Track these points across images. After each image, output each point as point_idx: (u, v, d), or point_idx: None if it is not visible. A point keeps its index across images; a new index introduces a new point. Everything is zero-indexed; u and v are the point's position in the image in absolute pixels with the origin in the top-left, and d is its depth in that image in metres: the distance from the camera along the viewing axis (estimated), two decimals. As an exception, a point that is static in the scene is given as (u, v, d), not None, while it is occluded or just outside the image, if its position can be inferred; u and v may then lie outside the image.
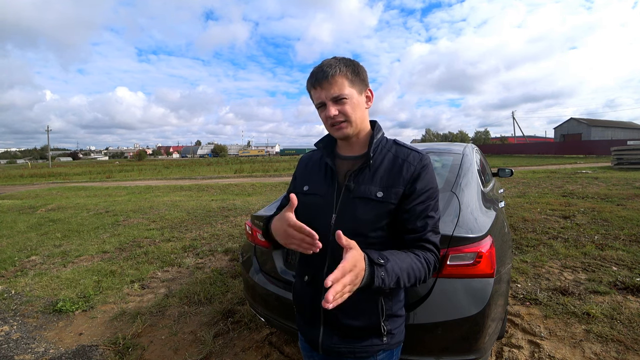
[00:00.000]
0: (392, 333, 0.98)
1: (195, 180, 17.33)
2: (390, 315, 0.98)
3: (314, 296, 1.00)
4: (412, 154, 0.99)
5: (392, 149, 1.02)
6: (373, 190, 0.95)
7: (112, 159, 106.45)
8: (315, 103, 0.99)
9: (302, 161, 1.19)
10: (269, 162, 40.55)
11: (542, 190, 8.70)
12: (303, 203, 1.04)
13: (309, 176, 1.11)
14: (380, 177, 0.97)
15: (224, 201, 8.66)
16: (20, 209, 8.55)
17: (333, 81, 0.92)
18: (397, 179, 0.95)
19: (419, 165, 0.97)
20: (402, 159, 0.98)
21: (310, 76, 0.96)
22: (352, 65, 0.96)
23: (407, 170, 0.96)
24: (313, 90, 0.97)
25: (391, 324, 0.98)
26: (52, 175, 25.83)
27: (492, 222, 1.69)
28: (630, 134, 43.58)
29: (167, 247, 4.57)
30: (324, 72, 0.92)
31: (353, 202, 0.96)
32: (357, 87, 0.96)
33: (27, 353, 2.31)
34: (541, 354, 2.09)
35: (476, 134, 79.49)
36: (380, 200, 0.94)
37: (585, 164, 19.94)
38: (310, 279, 1.02)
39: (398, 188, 0.95)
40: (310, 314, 1.02)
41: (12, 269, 4.00)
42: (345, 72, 0.93)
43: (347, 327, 0.96)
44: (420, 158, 0.98)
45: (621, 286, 2.88)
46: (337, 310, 0.92)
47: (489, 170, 3.50)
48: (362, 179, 0.98)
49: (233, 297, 3.02)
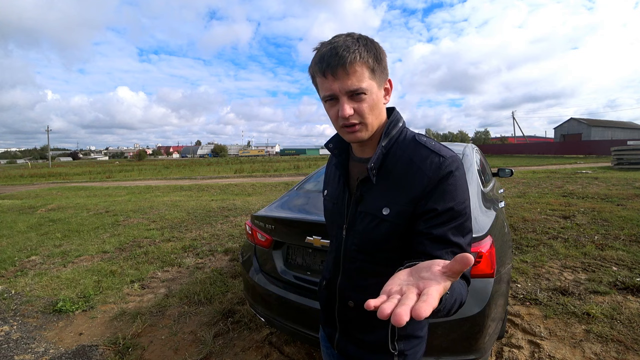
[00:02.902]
0: (405, 354, 0.85)
1: (195, 180, 17.33)
2: (405, 336, 0.84)
3: (329, 302, 0.96)
4: (430, 156, 0.75)
5: (409, 148, 0.79)
6: (379, 205, 0.78)
7: (112, 159, 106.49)
8: (322, 95, 0.76)
9: (328, 162, 1.05)
10: (269, 162, 40.55)
11: (542, 190, 8.69)
12: (324, 207, 1.00)
13: (329, 179, 1.00)
14: (387, 189, 0.78)
15: (224, 201, 8.66)
16: (20, 209, 8.55)
17: (352, 70, 0.70)
18: (406, 192, 0.75)
19: (437, 173, 0.73)
20: (417, 165, 0.75)
21: (319, 59, 0.73)
22: (375, 49, 0.74)
23: (419, 180, 0.74)
24: (321, 79, 0.74)
25: (405, 345, 0.84)
26: (52, 175, 25.82)
27: (492, 222, 1.69)
28: (630, 134, 43.59)
29: (167, 247, 4.57)
30: (340, 56, 0.70)
31: (360, 216, 0.83)
32: (377, 79, 0.75)
33: (27, 353, 2.31)
34: (541, 354, 2.09)
35: (476, 134, 79.54)
36: (385, 219, 0.77)
37: (585, 164, 19.94)
38: (326, 284, 0.98)
39: (405, 206, 0.74)
40: (328, 317, 0.98)
41: (12, 269, 4.01)
42: (367, 59, 0.72)
43: (358, 339, 0.90)
44: (440, 164, 0.74)
45: (621, 286, 2.88)
46: (347, 322, 0.90)
47: (489, 170, 3.50)
48: (367, 189, 0.81)
49: (233, 297, 3.02)
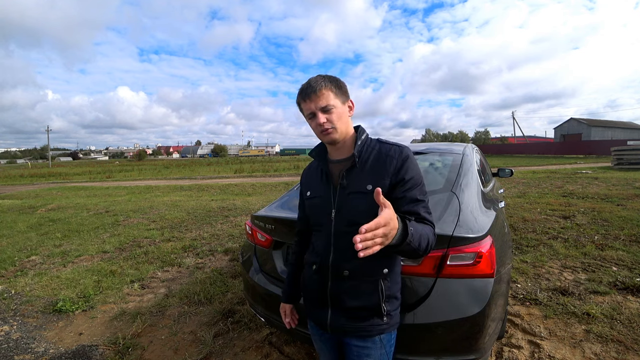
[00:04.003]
0: (391, 314, 1.11)
1: (195, 180, 17.33)
2: (389, 297, 1.10)
3: (322, 281, 1.14)
4: (393, 148, 1.12)
5: (376, 146, 1.16)
6: (363, 184, 1.08)
7: (112, 159, 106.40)
8: (305, 114, 1.13)
9: (305, 171, 1.36)
10: (269, 162, 40.55)
11: (542, 191, 8.69)
12: (309, 206, 1.25)
13: (310, 183, 1.27)
14: (368, 172, 1.10)
15: (224, 201, 8.66)
16: (20, 208, 8.55)
17: (320, 94, 1.07)
18: (382, 172, 1.08)
19: (400, 157, 1.09)
20: (385, 154, 1.12)
21: (300, 92, 1.11)
22: (335, 80, 1.12)
23: (390, 162, 1.09)
24: (303, 103, 1.11)
25: (390, 305, 1.11)
26: (52, 175, 25.83)
27: (492, 222, 1.68)
28: (630, 134, 43.58)
29: (167, 247, 4.57)
30: (312, 87, 1.08)
31: (348, 197, 1.10)
32: (340, 99, 1.11)
33: (27, 353, 2.31)
34: (541, 354, 2.09)
35: (476, 134, 79.42)
36: (371, 192, 1.04)
37: (585, 164, 19.94)
38: (317, 267, 1.16)
39: (385, 180, 1.07)
40: (319, 299, 1.16)
41: (12, 268, 4.01)
42: (330, 87, 1.09)
43: (351, 308, 1.10)
44: (400, 151, 1.11)
45: (621, 286, 2.88)
46: (342, 293, 1.11)
47: (489, 170, 3.50)
48: (352, 176, 1.12)
49: (233, 297, 3.02)
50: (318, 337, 1.26)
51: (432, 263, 1.45)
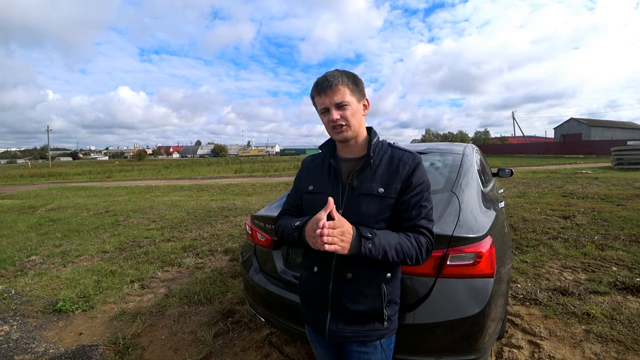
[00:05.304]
0: (391, 319, 1.11)
1: (195, 180, 17.32)
2: (390, 301, 1.09)
3: (323, 284, 1.11)
4: (405, 154, 1.13)
5: (388, 150, 1.16)
6: (375, 187, 1.08)
7: (112, 159, 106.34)
8: (319, 109, 1.11)
9: (305, 163, 1.31)
10: (269, 162, 40.54)
11: (542, 191, 8.69)
12: (309, 201, 1.18)
13: (313, 177, 1.22)
14: (380, 176, 1.09)
15: (224, 201, 8.66)
16: (20, 208, 8.55)
17: (336, 89, 1.05)
18: (395, 176, 1.08)
19: (413, 163, 1.10)
20: (397, 159, 1.12)
21: (315, 85, 1.09)
22: (353, 77, 1.09)
23: (403, 168, 1.09)
24: (317, 97, 1.09)
25: (390, 310, 1.10)
26: (52, 175, 25.82)
27: (492, 222, 1.68)
28: (630, 134, 43.56)
29: (167, 247, 4.57)
30: (329, 81, 1.05)
31: (357, 199, 1.08)
32: (356, 96, 1.09)
33: (27, 353, 2.31)
34: (541, 354, 2.09)
35: (476, 134, 79.37)
36: (382, 195, 1.06)
37: (585, 164, 19.94)
38: (319, 269, 1.13)
39: (396, 184, 1.08)
40: (318, 302, 1.13)
41: (12, 268, 4.00)
42: (346, 82, 1.06)
43: (352, 312, 1.07)
44: (413, 157, 1.12)
45: (621, 286, 2.88)
46: (343, 297, 1.08)
47: (489, 170, 3.50)
48: (364, 177, 1.10)
49: (233, 297, 3.02)
50: (317, 343, 1.24)
51: (432, 263, 1.45)
